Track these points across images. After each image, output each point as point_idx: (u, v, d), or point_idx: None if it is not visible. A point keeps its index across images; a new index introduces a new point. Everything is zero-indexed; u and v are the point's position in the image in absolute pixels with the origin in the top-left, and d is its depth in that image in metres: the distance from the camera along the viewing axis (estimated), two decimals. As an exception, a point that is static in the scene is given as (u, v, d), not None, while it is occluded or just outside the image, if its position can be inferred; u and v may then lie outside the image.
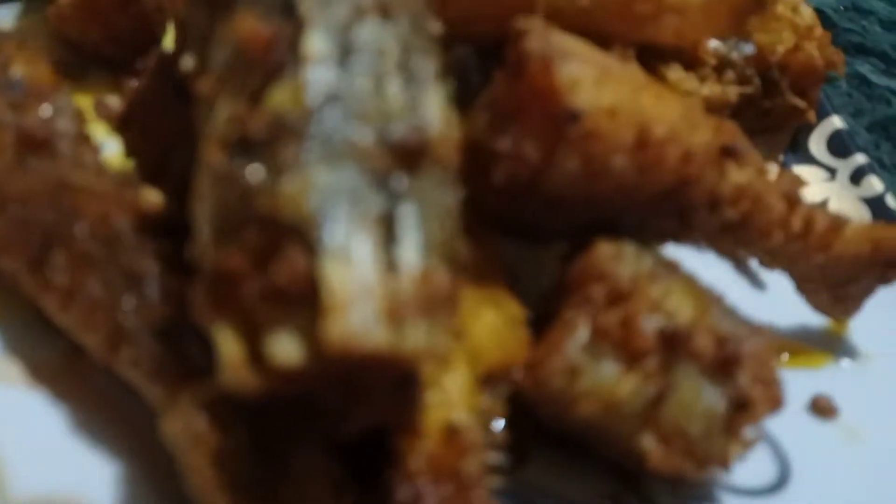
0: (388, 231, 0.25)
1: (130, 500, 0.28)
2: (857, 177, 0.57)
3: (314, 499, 0.27)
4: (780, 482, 0.39)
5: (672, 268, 0.36)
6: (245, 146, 0.26)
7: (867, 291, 0.45)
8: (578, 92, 0.32)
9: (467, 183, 0.35)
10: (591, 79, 0.33)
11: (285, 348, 0.23)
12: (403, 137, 0.27)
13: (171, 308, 0.29)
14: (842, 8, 0.91)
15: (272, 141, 0.25)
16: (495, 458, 0.31)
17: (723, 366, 0.33)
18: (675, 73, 0.52)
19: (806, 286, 0.45)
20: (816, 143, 0.60)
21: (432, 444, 0.29)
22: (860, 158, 0.58)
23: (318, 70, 0.26)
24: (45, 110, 0.33)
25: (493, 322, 0.34)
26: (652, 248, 0.37)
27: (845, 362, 0.46)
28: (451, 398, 0.31)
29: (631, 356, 0.32)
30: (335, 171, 0.25)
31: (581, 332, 0.33)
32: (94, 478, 0.29)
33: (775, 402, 0.34)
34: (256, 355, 0.24)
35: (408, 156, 0.27)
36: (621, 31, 0.39)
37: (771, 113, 0.58)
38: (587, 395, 0.32)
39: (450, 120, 0.30)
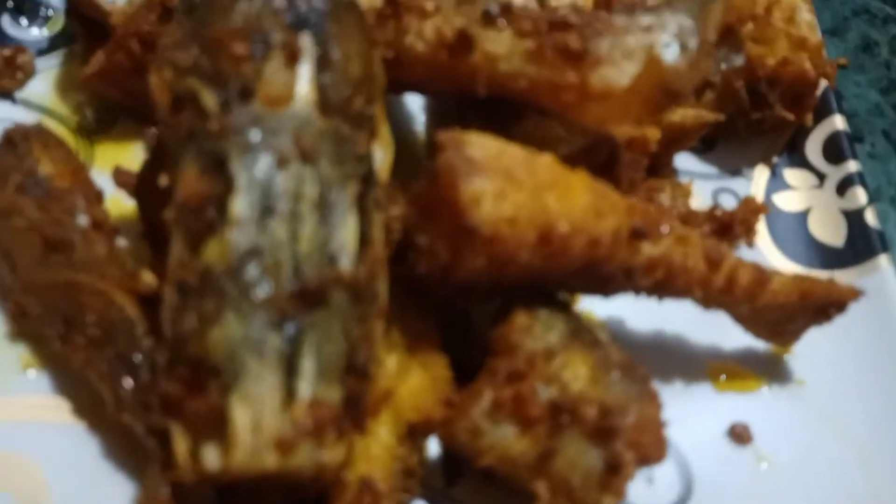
0: (289, 366, 0.32)
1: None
2: (843, 186, 0.58)
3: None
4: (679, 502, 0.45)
5: (581, 336, 0.42)
6: (185, 290, 0.34)
7: (802, 329, 0.49)
8: (479, 207, 0.37)
9: (401, 261, 0.41)
10: (493, 192, 0.37)
11: (210, 457, 0.32)
12: (309, 281, 0.33)
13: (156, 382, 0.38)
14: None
15: (203, 290, 0.33)
16: (408, 498, 0.40)
17: (602, 433, 0.39)
18: (648, 99, 0.54)
19: (744, 322, 0.49)
20: (813, 145, 0.61)
21: (351, 494, 0.38)
22: (851, 166, 0.58)
23: (240, 230, 0.33)
24: (65, 212, 0.41)
25: (419, 382, 0.41)
26: (566, 315, 0.42)
27: (777, 388, 0.50)
28: (372, 454, 0.39)
29: (525, 422, 0.39)
30: (247, 322, 0.32)
31: (485, 401, 0.40)
32: (115, 497, 0.40)
33: (652, 458, 0.40)
34: (195, 455, 0.33)
35: (313, 294, 0.34)
36: (553, 110, 0.43)
37: (763, 122, 0.59)
38: (488, 451, 0.40)
39: (369, 240, 0.36)
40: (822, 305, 0.47)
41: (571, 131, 0.47)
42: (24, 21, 0.56)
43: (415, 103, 0.58)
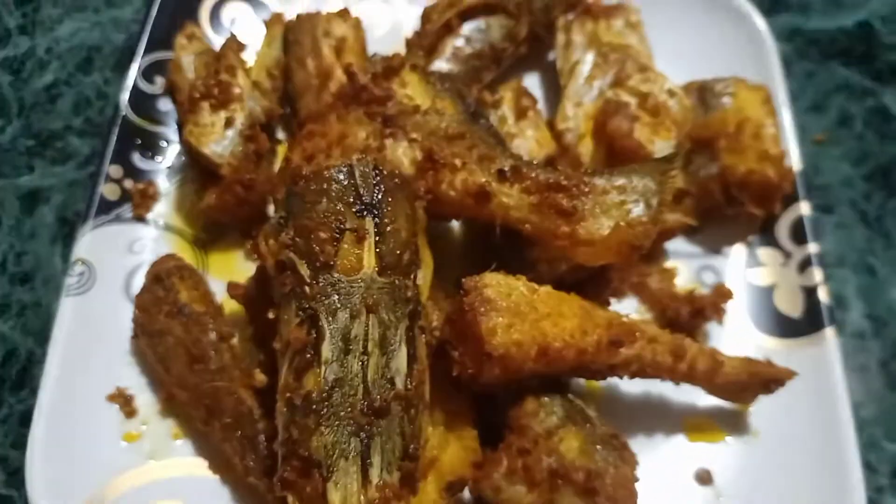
0: (364, 461, 0.48)
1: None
2: (803, 266, 0.70)
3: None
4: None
5: (574, 417, 0.56)
6: (293, 407, 0.50)
7: (754, 396, 0.62)
8: (494, 337, 0.52)
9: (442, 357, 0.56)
10: (504, 325, 0.52)
11: (315, 523, 0.48)
12: (375, 400, 0.49)
13: (271, 457, 0.55)
14: None
15: (305, 410, 0.49)
16: (450, 535, 0.56)
17: (588, 492, 0.54)
18: (637, 207, 0.67)
19: (707, 391, 0.63)
20: (782, 226, 0.73)
21: (409, 533, 0.54)
22: (811, 248, 0.70)
23: (328, 367, 0.49)
24: (201, 331, 0.58)
25: (455, 452, 0.57)
26: (564, 400, 0.57)
27: (736, 439, 0.64)
28: (421, 501, 0.55)
29: (531, 483, 0.54)
30: (335, 432, 0.48)
31: (502, 467, 0.55)
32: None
33: (626, 507, 0.55)
34: (305, 519, 0.49)
35: (379, 409, 0.49)
36: (555, 251, 0.57)
37: (738, 216, 0.71)
38: (506, 502, 0.55)
39: (416, 358, 0.51)
40: (766, 381, 0.60)
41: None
42: (148, 154, 0.72)
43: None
